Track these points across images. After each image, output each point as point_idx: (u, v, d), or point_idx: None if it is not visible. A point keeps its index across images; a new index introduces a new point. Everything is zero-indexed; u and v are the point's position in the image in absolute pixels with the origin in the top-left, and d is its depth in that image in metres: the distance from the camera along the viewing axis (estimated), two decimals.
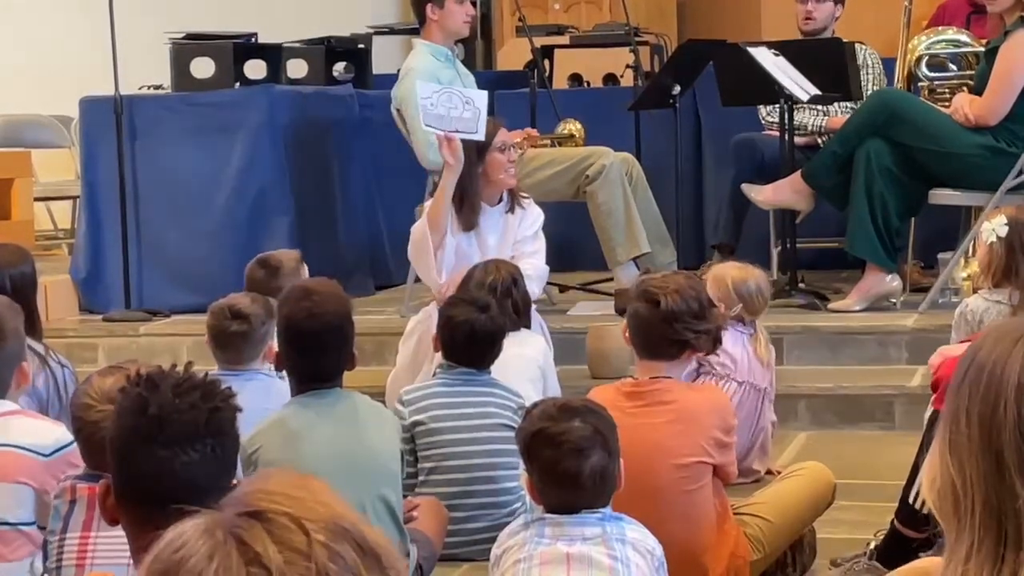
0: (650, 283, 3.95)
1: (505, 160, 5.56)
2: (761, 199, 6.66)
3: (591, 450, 3.11)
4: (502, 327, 4.45)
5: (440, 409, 4.32)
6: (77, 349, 6.59)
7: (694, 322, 3.85)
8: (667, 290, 3.87)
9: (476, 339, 4.38)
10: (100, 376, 3.08)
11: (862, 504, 4.60)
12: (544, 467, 3.14)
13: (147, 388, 2.19)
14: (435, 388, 4.41)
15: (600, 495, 3.14)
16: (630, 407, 3.82)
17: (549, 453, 3.12)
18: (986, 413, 1.60)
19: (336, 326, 3.77)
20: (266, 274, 5.08)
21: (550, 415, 3.17)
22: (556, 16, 10.12)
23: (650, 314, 3.86)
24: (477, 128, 5.53)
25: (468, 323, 4.36)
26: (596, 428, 3.13)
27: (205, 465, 2.15)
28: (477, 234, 5.57)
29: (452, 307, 4.46)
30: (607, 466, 3.12)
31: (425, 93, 5.62)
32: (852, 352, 6.10)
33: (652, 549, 3.16)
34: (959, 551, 1.60)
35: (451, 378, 4.40)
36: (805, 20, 7.22)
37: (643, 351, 3.91)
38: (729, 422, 3.89)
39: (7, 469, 3.43)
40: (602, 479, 3.12)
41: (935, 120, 6.28)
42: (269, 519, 1.24)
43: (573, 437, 3.11)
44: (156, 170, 7.14)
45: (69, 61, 8.86)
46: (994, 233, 4.43)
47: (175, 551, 1.24)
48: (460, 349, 4.40)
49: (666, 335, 3.85)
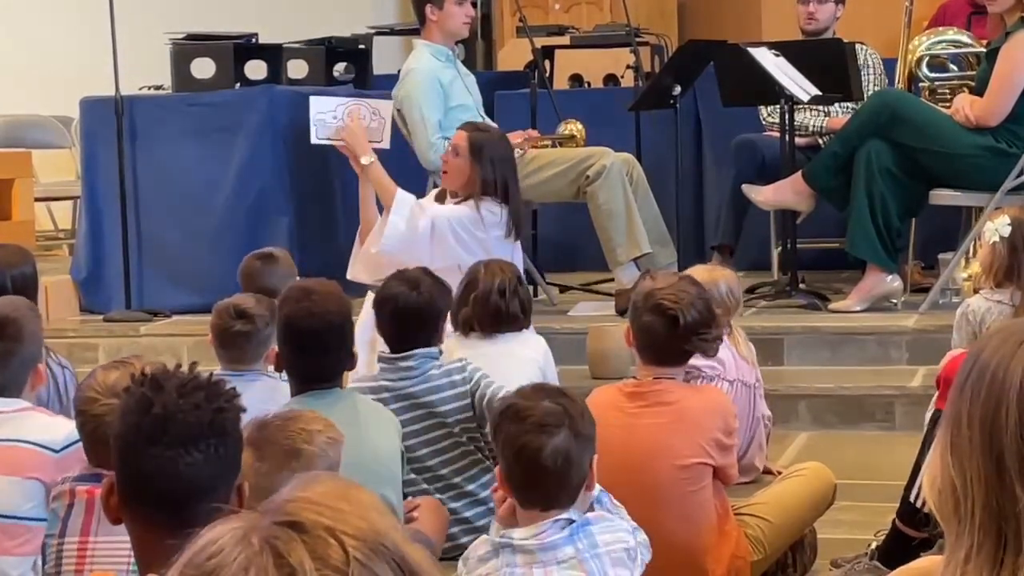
0: (661, 295, 3.84)
1: None
2: (761, 200, 6.66)
3: (556, 428, 2.99)
4: (436, 306, 4.32)
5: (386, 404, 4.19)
6: (77, 349, 6.60)
7: (705, 331, 3.86)
8: (682, 304, 3.81)
9: (400, 317, 4.28)
10: (104, 371, 3.09)
11: (863, 504, 4.60)
12: (507, 442, 3.03)
13: (151, 388, 2.19)
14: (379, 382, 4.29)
15: (565, 485, 3.01)
16: (631, 407, 3.82)
17: (513, 428, 3.02)
18: (987, 416, 1.60)
19: (336, 325, 3.77)
20: (262, 264, 5.11)
21: (523, 394, 3.12)
22: (556, 16, 10.11)
23: (666, 330, 3.81)
24: (383, 137, 5.81)
25: (393, 299, 4.28)
26: (565, 408, 3.03)
27: (208, 465, 2.15)
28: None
29: (383, 285, 4.39)
30: (571, 450, 2.99)
31: (322, 108, 5.83)
32: (853, 352, 6.10)
33: (626, 541, 3.05)
34: (958, 553, 1.59)
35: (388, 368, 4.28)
36: (807, 20, 7.21)
37: (650, 358, 3.89)
38: (731, 424, 3.89)
39: (19, 464, 3.49)
40: (566, 462, 2.99)
41: (936, 121, 6.28)
42: (307, 531, 1.21)
43: (538, 412, 3.01)
44: (156, 170, 7.14)
45: (69, 61, 8.86)
46: (997, 233, 4.43)
47: (209, 557, 1.21)
48: (387, 330, 4.32)
49: (681, 347, 3.86)
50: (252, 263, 5.17)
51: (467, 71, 6.94)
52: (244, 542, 1.20)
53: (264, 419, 3.05)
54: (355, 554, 1.20)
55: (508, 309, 4.70)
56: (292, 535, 1.20)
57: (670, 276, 4.12)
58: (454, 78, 6.64)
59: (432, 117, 6.51)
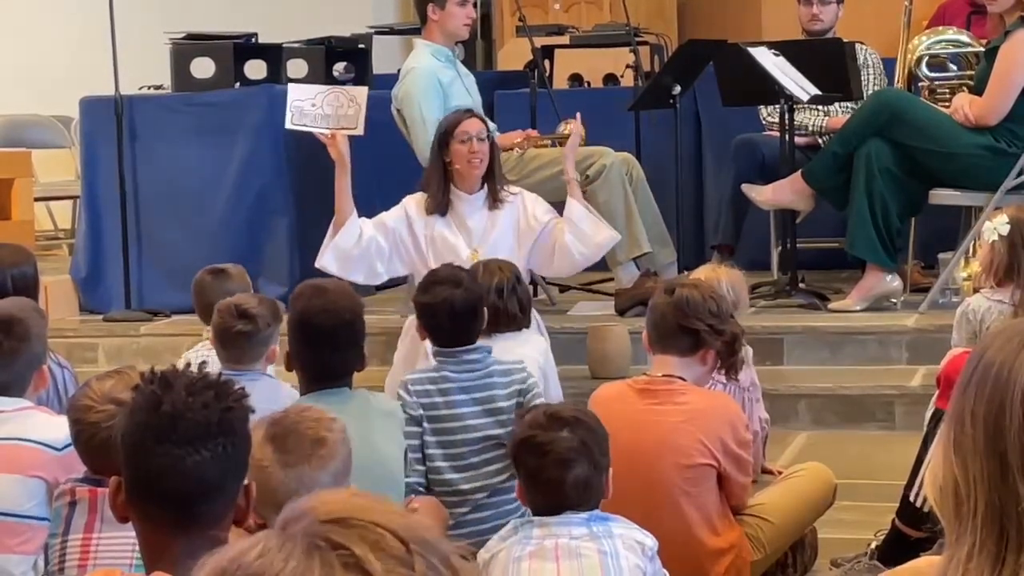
0: (675, 282, 4.07)
1: (466, 151, 5.64)
2: (761, 199, 6.66)
3: (575, 462, 3.14)
4: (480, 295, 4.39)
5: (448, 395, 4.22)
6: (77, 349, 6.60)
7: (708, 316, 3.87)
8: (685, 284, 3.98)
9: (457, 315, 4.28)
10: (99, 380, 3.12)
11: (863, 504, 4.61)
12: (529, 474, 3.18)
13: (161, 386, 2.19)
14: (440, 373, 4.29)
15: (584, 502, 3.17)
16: (640, 404, 3.83)
17: (534, 461, 3.16)
18: (991, 415, 1.60)
19: (349, 322, 3.78)
20: (214, 279, 5.12)
21: (539, 423, 3.20)
22: (556, 16, 10.12)
23: (664, 301, 3.92)
24: (358, 124, 5.78)
25: (447, 301, 4.27)
26: (583, 440, 3.16)
27: (216, 464, 2.16)
28: (457, 220, 5.68)
29: (425, 292, 4.38)
30: (591, 477, 3.15)
31: (299, 95, 5.85)
32: (852, 352, 6.10)
33: (641, 541, 3.17)
34: (960, 551, 1.60)
35: (450, 361, 4.30)
36: (811, 21, 7.21)
37: (656, 343, 3.94)
38: (740, 433, 3.88)
39: (21, 463, 3.52)
40: (586, 488, 3.15)
41: (935, 120, 6.28)
42: (358, 526, 1.16)
43: (559, 448, 3.14)
44: (156, 170, 7.14)
45: (69, 61, 8.87)
46: (996, 232, 4.43)
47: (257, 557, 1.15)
48: (445, 330, 4.31)
49: (678, 323, 3.87)
50: (203, 278, 5.20)
51: (467, 71, 6.94)
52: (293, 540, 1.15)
53: (277, 415, 3.04)
54: (414, 547, 1.16)
55: (506, 309, 4.70)
56: (344, 530, 1.16)
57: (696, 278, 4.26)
58: (454, 78, 6.64)
59: (431, 116, 6.50)
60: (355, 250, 5.67)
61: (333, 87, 6.08)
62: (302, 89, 5.94)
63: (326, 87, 6.04)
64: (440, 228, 5.67)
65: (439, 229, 5.67)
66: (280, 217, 7.08)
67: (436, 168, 5.73)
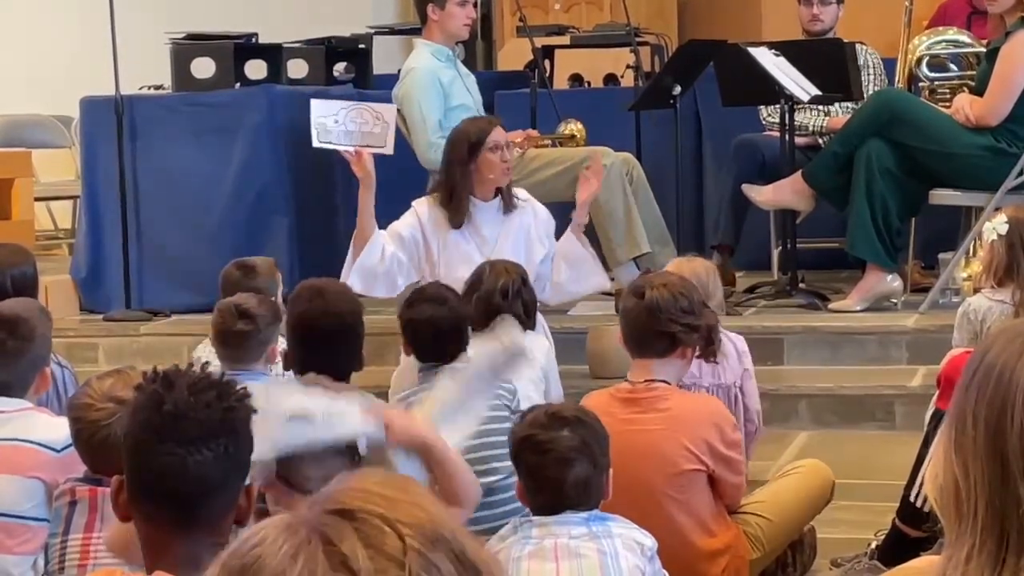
0: (640, 279, 4.01)
1: (497, 160, 5.54)
2: (762, 199, 6.66)
3: (576, 461, 3.15)
4: (465, 316, 4.34)
5: None
6: (77, 349, 6.60)
7: (680, 315, 3.84)
8: (654, 284, 3.91)
9: (440, 334, 4.24)
10: (99, 379, 3.12)
11: (862, 504, 4.61)
12: (529, 472, 3.19)
13: (163, 385, 2.19)
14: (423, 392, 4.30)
15: (584, 502, 3.18)
16: (624, 413, 3.81)
17: (535, 460, 3.17)
18: (992, 417, 1.60)
19: (349, 324, 3.78)
20: (242, 275, 5.11)
21: (540, 422, 3.21)
22: (556, 16, 10.12)
23: (635, 306, 3.88)
24: (386, 142, 5.64)
25: (431, 320, 4.23)
26: (583, 440, 3.17)
27: (218, 464, 2.16)
28: (472, 229, 5.60)
29: (410, 307, 4.33)
30: (591, 477, 3.16)
31: (323, 112, 5.69)
32: (852, 352, 6.10)
33: (641, 541, 3.18)
34: (960, 551, 1.59)
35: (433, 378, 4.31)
36: (811, 21, 7.21)
37: (633, 348, 3.91)
38: (728, 434, 3.86)
39: (21, 463, 3.53)
40: (585, 488, 3.16)
41: (936, 120, 6.28)
42: (360, 519, 1.15)
43: (559, 447, 3.15)
44: (156, 170, 7.14)
45: (69, 61, 8.86)
46: (995, 231, 4.44)
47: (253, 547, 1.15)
48: (428, 348, 4.27)
49: (651, 327, 3.84)
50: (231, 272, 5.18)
51: (467, 71, 6.94)
52: (290, 531, 1.14)
53: None
54: (412, 543, 1.14)
55: (510, 311, 4.68)
56: (343, 523, 1.15)
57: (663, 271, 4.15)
58: (454, 78, 6.64)
59: (432, 116, 6.51)
60: (379, 267, 5.54)
61: (356, 103, 5.93)
62: (324, 105, 5.80)
63: (348, 103, 5.89)
64: (455, 236, 5.57)
65: (453, 237, 5.57)
66: (280, 217, 7.08)
67: (462, 176, 5.54)
